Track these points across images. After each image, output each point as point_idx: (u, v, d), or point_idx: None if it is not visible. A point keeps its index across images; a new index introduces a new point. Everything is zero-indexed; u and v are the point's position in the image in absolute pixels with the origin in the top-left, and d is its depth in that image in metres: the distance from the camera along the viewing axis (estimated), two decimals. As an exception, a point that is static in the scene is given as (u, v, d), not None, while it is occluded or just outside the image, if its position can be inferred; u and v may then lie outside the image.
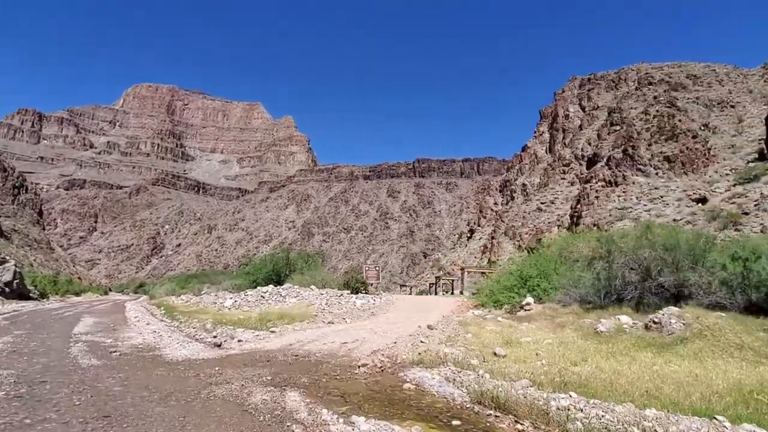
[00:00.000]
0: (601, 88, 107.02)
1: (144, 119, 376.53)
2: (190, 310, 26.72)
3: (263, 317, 16.30)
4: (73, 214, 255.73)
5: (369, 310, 20.10)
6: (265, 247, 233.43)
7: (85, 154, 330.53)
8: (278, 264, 35.85)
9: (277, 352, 10.17)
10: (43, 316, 22.82)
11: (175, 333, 14.51)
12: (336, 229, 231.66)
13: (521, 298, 18.33)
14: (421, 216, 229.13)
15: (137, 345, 11.38)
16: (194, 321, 18.73)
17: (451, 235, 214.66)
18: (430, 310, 22.48)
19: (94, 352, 10.13)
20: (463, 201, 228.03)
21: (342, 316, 17.62)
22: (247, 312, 24.35)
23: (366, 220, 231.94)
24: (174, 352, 10.18)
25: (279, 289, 28.66)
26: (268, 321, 15.44)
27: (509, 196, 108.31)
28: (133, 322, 19.29)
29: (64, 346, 11.08)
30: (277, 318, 15.89)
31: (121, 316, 24.00)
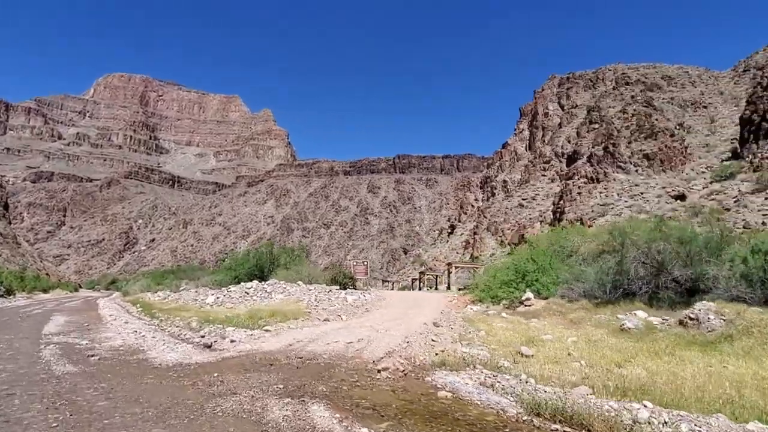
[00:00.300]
0: (579, 87, 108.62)
1: (116, 110, 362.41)
2: (169, 307, 25.21)
3: (253, 315, 15.18)
4: (41, 207, 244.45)
5: (362, 307, 19.20)
6: (243, 242, 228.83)
7: (54, 146, 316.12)
8: (261, 259, 34.46)
9: (278, 353, 9.17)
10: (8, 314, 20.99)
11: (158, 333, 13.27)
12: (316, 225, 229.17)
13: (520, 293, 17.78)
14: (401, 212, 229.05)
15: (118, 347, 10.17)
16: (176, 319, 17.42)
17: (431, 231, 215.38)
18: (423, 305, 21.75)
19: (69, 356, 8.90)
20: (442, 197, 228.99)
21: (336, 312, 16.66)
22: (232, 309, 23.07)
23: (346, 216, 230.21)
24: (161, 355, 9.05)
25: (264, 285, 27.39)
26: (259, 319, 14.35)
27: (490, 193, 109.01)
28: (109, 320, 17.82)
29: (34, 348, 9.79)
30: (269, 315, 14.81)
31: (95, 314, 22.37)
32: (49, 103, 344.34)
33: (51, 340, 11.23)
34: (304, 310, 16.65)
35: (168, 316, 19.19)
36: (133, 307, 28.75)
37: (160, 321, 17.91)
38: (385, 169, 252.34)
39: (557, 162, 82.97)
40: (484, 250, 69.58)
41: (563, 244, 22.46)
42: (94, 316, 21.14)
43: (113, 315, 20.02)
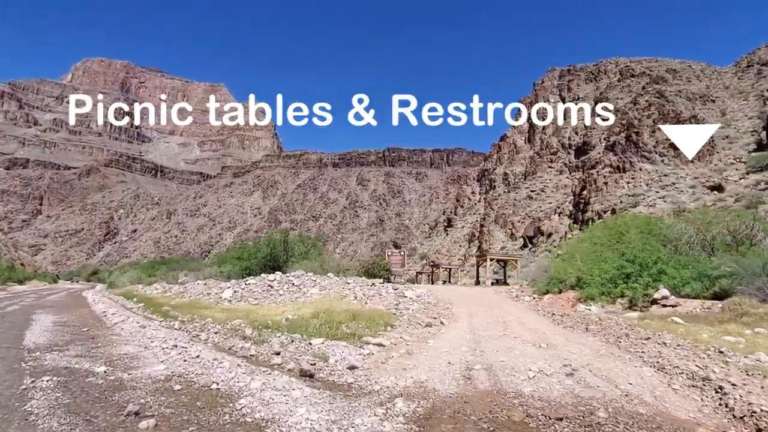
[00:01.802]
0: (580, 79, 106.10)
1: (95, 96, 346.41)
2: (179, 303, 20.62)
3: (325, 318, 10.89)
4: (15, 195, 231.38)
5: (438, 306, 15.09)
6: (229, 233, 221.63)
7: (29, 132, 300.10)
8: (276, 248, 29.96)
9: (474, 400, 5.00)
10: (-26, 312, 16.13)
11: (199, 346, 8.87)
12: (304, 217, 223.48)
13: (647, 289, 13.92)
14: (390, 205, 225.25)
15: (165, 380, 5.84)
16: (205, 322, 13.03)
17: (421, 224, 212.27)
18: (498, 304, 17.79)
19: (85, 410, 4.56)
20: (432, 191, 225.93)
21: (427, 313, 12.48)
22: (258, 306, 18.78)
23: (335, 209, 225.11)
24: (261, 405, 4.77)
25: (290, 278, 22.98)
26: (338, 324, 10.08)
27: (489, 186, 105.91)
28: (114, 322, 13.26)
29: (14, 386, 5.40)
30: (348, 319, 10.56)
31: (88, 312, 17.68)
32: (24, 87, 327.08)
33: (41, 364, 6.78)
34: (385, 312, 12.42)
35: (189, 317, 14.72)
36: (131, 303, 23.97)
37: (183, 323, 13.45)
38: (375, 162, 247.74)
39: (564, 153, 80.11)
40: (493, 243, 66.17)
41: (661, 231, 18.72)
42: (88, 314, 16.46)
43: (115, 314, 15.41)
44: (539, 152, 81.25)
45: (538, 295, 19.11)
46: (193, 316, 14.68)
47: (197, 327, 12.49)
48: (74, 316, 15.23)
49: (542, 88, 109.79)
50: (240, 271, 31.32)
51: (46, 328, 11.48)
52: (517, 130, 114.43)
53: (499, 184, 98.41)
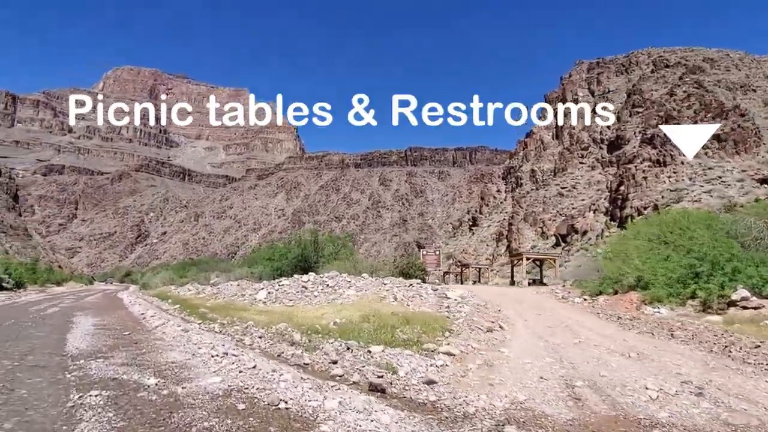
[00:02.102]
0: (610, 71, 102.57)
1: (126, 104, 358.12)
2: (215, 305, 20.27)
3: (378, 322, 10.10)
4: (52, 200, 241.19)
5: (487, 309, 14.10)
6: (254, 235, 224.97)
7: (63, 139, 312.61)
8: (306, 248, 29.46)
9: (603, 429, 4.07)
10: (17, 314, 16.11)
11: (248, 353, 8.21)
12: (327, 218, 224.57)
13: (723, 289, 12.58)
14: (413, 205, 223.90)
15: (226, 396, 5.14)
16: (246, 325, 12.45)
17: (444, 224, 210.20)
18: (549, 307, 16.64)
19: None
20: (455, 190, 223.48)
21: (483, 316, 11.54)
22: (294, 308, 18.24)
23: (358, 209, 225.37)
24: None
25: (323, 278, 22.37)
26: (393, 329, 9.26)
27: (515, 183, 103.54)
28: (154, 325, 12.84)
29: (60, 403, 4.79)
30: (401, 323, 9.74)
31: (127, 315, 17.46)
32: (58, 96, 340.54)
33: (87, 374, 6.21)
34: (438, 315, 11.53)
35: (228, 319, 14.23)
36: (166, 304, 23.86)
37: (223, 326, 12.93)
38: (397, 162, 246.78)
39: (596, 148, 77.33)
40: (523, 242, 64.29)
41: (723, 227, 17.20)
42: (126, 317, 16.20)
43: (154, 316, 15.05)
44: (569, 148, 78.67)
45: (590, 297, 17.83)
46: (232, 318, 14.17)
47: (239, 330, 11.92)
48: (113, 319, 14.96)
49: (570, 82, 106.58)
50: (271, 272, 31.00)
51: (88, 332, 11.10)
52: (543, 126, 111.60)
53: (527, 182, 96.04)
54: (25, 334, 10.51)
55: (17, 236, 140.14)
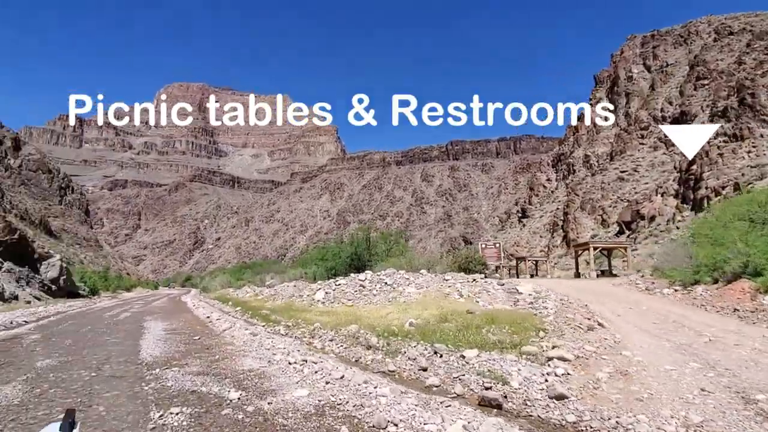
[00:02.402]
0: (667, 44, 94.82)
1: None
2: (276, 306, 20.13)
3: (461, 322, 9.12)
4: (118, 213, 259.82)
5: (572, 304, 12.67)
6: (301, 237, 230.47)
7: (125, 156, 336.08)
8: (359, 247, 28.94)
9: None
10: (92, 320, 16.65)
11: (328, 360, 7.52)
12: (372, 217, 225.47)
13: None
14: (457, 199, 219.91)
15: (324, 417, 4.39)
16: (314, 327, 11.91)
17: (491, 217, 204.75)
18: (637, 300, 14.92)
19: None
20: (501, 182, 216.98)
21: (570, 313, 10.24)
22: (353, 307, 17.65)
23: (401, 206, 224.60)
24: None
25: (381, 276, 21.68)
26: (478, 328, 8.23)
27: (567, 170, 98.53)
28: (222, 329, 12.63)
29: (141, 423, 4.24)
30: (487, 321, 8.70)
31: (193, 318, 17.59)
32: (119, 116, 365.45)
33: (164, 386, 5.72)
34: (524, 313, 10.36)
35: (292, 321, 13.80)
36: (228, 307, 24.18)
37: (289, 329, 12.50)
38: (438, 157, 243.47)
39: (655, 127, 71.57)
40: (581, 231, 60.65)
41: None
42: (193, 320, 16.28)
43: (219, 319, 14.94)
44: (626, 129, 73.39)
45: (682, 287, 15.84)
46: (296, 320, 13.72)
47: (306, 333, 11.40)
48: (181, 323, 15.00)
49: (622, 59, 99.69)
50: (325, 272, 30.83)
51: (159, 337, 10.97)
52: (595, 108, 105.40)
53: (580, 168, 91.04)
54: (101, 341, 10.51)
55: (90, 247, 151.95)
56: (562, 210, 73.13)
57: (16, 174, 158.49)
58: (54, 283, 36.18)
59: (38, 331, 13.03)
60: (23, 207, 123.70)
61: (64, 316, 18.48)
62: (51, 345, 9.79)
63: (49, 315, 19.54)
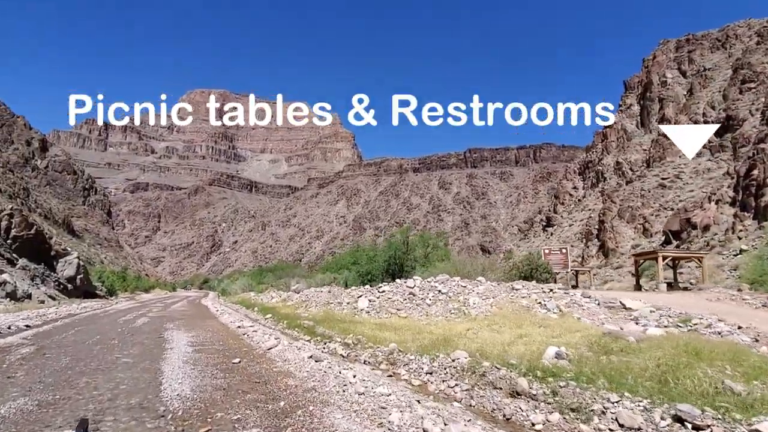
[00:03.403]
0: (704, 48, 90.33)
1: (198, 124, 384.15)
2: (315, 316, 17.20)
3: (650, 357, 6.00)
4: (139, 215, 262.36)
5: (721, 323, 9.45)
6: (317, 242, 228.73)
7: (147, 159, 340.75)
8: (398, 250, 25.95)
9: None
10: (104, 326, 13.99)
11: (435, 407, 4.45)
12: (388, 223, 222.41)
13: None
14: (475, 207, 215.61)
15: None
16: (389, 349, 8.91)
17: (509, 226, 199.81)
18: (758, 316, 11.55)
19: None
20: (519, 191, 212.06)
21: None
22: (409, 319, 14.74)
23: (418, 213, 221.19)
24: None
25: (433, 283, 18.63)
26: (685, 368, 5.14)
27: (595, 178, 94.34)
28: (265, 347, 9.72)
29: None
30: (684, 353, 5.61)
31: (221, 327, 14.79)
32: (142, 121, 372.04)
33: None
34: (714, 341, 7.18)
35: (351, 339, 10.81)
36: (255, 313, 21.39)
37: (348, 348, 9.54)
38: (456, 164, 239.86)
39: (698, 133, 67.20)
40: (620, 240, 56.61)
41: None
42: (222, 331, 13.46)
43: (257, 332, 12.07)
44: (665, 134, 69.08)
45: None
46: (354, 336, 10.75)
47: (379, 357, 8.41)
48: (209, 334, 12.18)
49: (655, 64, 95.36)
50: (357, 277, 27.93)
51: (186, 357, 8.13)
52: (625, 114, 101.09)
53: (611, 175, 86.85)
54: (108, 361, 7.71)
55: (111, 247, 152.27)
56: (596, 218, 69.08)
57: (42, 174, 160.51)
58: (70, 282, 34.06)
59: (36, 340, 10.36)
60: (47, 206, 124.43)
61: (73, 320, 15.89)
62: (40, 367, 7.02)
63: (58, 318, 17.02)
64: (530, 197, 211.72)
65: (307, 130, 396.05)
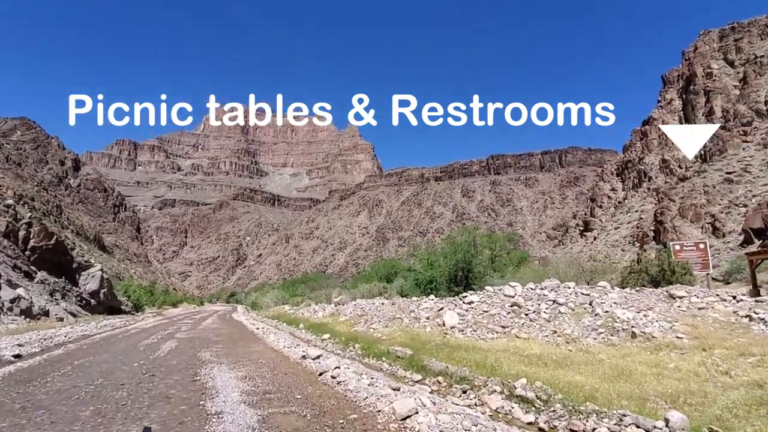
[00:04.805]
0: (752, 36, 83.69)
1: (222, 141, 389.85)
2: (394, 336, 12.83)
3: None
4: (167, 230, 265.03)
5: None
6: (340, 253, 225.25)
7: (174, 177, 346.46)
8: (468, 253, 21.45)
9: None
10: (117, 355, 9.93)
11: None
12: (411, 233, 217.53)
13: None
14: (500, 215, 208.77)
15: None
16: (597, 414, 4.40)
17: (537, 233, 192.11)
18: None
19: None
20: (546, 196, 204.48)
21: None
22: (532, 341, 10.31)
23: (442, 222, 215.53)
24: None
25: (541, 291, 14.06)
26: None
27: (636, 179, 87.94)
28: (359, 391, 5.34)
29: None
30: None
31: (271, 353, 10.51)
32: (169, 140, 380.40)
33: None
34: None
35: (488, 378, 6.38)
36: (304, 331, 17.18)
37: (506, 398, 5.08)
38: (479, 172, 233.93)
39: (760, 122, 60.76)
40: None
41: None
42: (279, 361, 9.17)
43: (338, 368, 7.69)
44: (725, 126, 62.83)
45: None
46: (507, 378, 6.31)
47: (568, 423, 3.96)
48: (266, 371, 7.92)
49: (698, 55, 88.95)
50: (414, 286, 23.47)
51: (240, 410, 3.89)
52: (665, 110, 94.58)
53: (657, 174, 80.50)
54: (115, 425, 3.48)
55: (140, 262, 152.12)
56: (648, 219, 62.96)
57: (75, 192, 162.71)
58: (93, 296, 30.71)
59: (9, 384, 6.35)
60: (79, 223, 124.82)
61: (81, 346, 11.94)
62: None
63: (66, 341, 13.15)
64: (558, 203, 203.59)
65: (327, 143, 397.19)
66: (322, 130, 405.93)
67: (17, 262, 25.33)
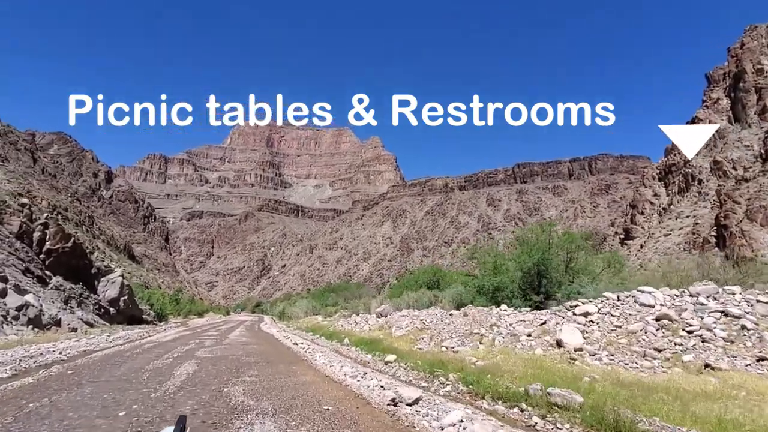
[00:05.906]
0: (809, 28, 76.99)
1: (248, 154, 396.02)
2: (484, 360, 9.08)
3: None
4: (194, 241, 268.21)
5: None
6: (364, 264, 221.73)
7: (202, 189, 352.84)
8: (545, 256, 17.46)
9: None
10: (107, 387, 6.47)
11: None
12: (436, 243, 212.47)
13: None
14: (528, 224, 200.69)
15: None
16: None
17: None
18: None
19: None
20: (576, 204, 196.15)
21: None
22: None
23: (467, 232, 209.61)
24: None
25: (688, 298, 10.05)
26: None
27: (683, 183, 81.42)
28: None
29: None
30: None
31: (333, 389, 6.80)
32: (197, 153, 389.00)
33: None
34: None
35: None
36: (348, 348, 13.59)
37: None
38: (504, 181, 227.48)
39: (834, 117, 54.37)
40: (756, 246, 44.79)
41: None
42: (348, 402, 5.49)
43: (457, 419, 3.84)
44: (791, 120, 56.64)
45: None
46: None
47: None
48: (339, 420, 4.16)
49: (746, 51, 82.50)
50: (477, 294, 19.57)
51: None
52: (711, 110, 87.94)
53: (707, 176, 74.17)
54: None
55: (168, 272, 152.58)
56: (706, 224, 57.06)
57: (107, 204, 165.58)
58: (113, 304, 28.01)
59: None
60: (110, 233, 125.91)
61: (65, 371, 8.63)
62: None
63: (56, 361, 9.91)
64: (588, 211, 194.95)
65: (349, 154, 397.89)
66: (344, 142, 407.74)
67: (30, 265, 22.71)
